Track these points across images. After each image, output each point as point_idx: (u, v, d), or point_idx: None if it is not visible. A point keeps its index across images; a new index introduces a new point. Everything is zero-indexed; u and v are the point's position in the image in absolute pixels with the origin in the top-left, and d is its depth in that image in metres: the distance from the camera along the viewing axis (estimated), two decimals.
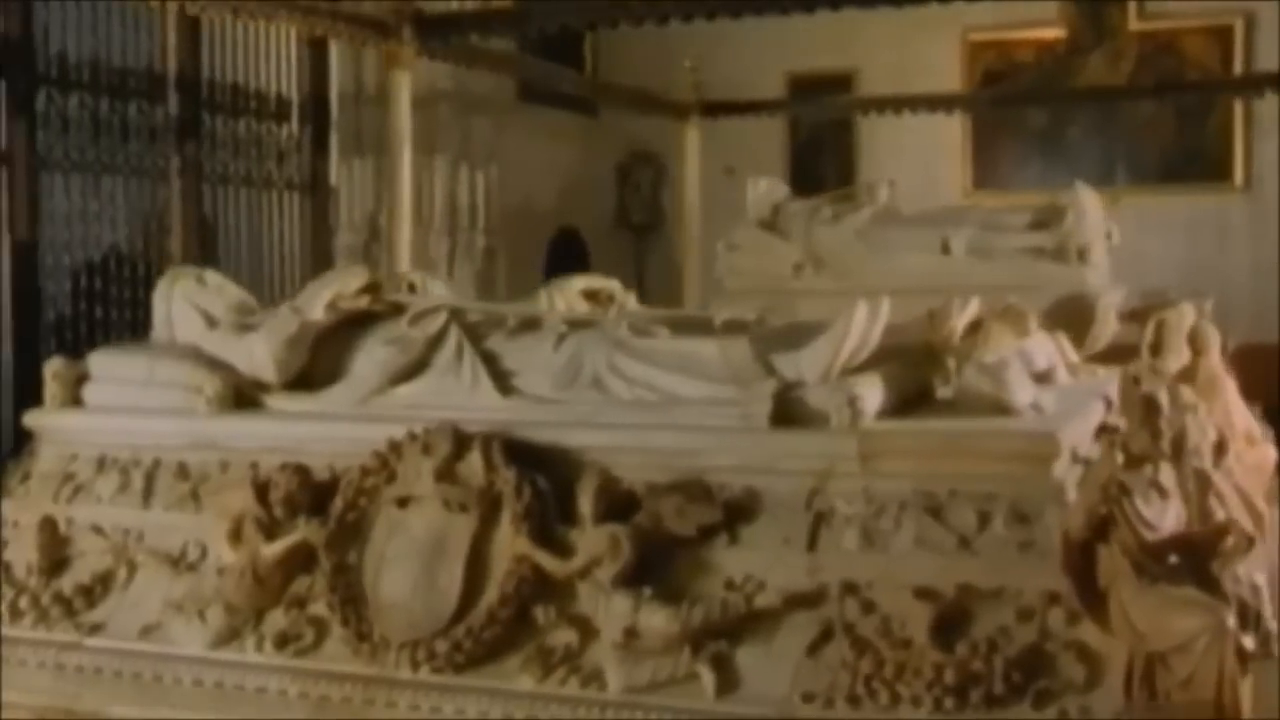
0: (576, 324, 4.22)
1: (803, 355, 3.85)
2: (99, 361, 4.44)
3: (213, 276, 4.69)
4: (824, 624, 3.43)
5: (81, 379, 4.41)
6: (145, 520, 4.12)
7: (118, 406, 4.33)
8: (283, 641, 3.78)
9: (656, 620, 3.47)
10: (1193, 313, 6.23)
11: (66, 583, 4.09)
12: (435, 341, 4.20)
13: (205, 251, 10.24)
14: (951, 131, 12.13)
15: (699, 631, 3.46)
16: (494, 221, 11.27)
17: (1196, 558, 3.14)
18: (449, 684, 3.59)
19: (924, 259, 7.48)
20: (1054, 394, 4.18)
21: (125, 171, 9.32)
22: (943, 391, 4.12)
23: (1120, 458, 3.15)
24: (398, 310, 4.36)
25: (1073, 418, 3.84)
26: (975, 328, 4.23)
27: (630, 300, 5.38)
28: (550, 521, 3.69)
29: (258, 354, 4.24)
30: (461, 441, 3.79)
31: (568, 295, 5.22)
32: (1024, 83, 11.90)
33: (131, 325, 8.13)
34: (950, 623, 3.34)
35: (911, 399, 4.00)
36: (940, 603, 3.36)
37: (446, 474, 3.77)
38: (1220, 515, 3.65)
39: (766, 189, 8.15)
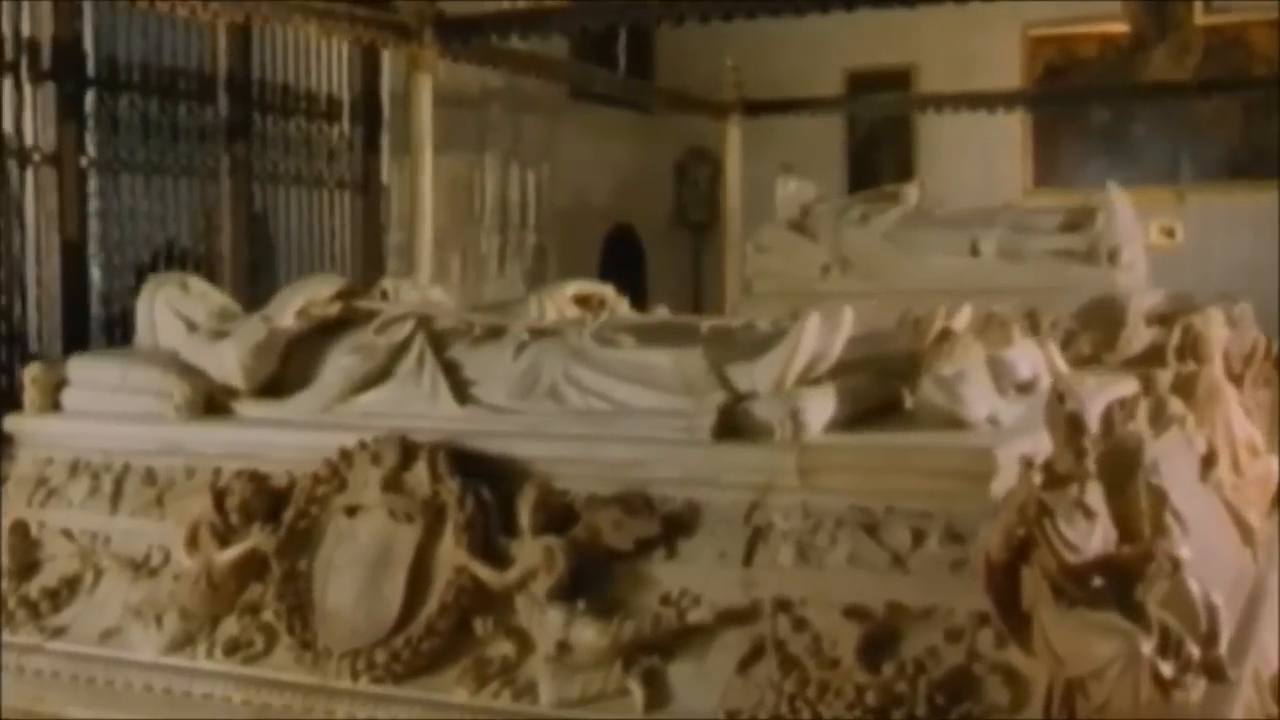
0: (540, 332, 4.21)
1: (757, 367, 3.82)
2: (76, 367, 4.51)
3: (196, 283, 4.74)
4: (755, 641, 3.40)
5: (60, 384, 4.48)
6: (112, 525, 4.18)
7: (92, 412, 4.40)
8: (233, 648, 3.82)
9: (588, 634, 3.46)
10: (1221, 318, 6.10)
11: (35, 586, 4.16)
12: (399, 350, 4.21)
13: (260, 249, 10.42)
14: (1012, 128, 11.96)
15: (630, 646, 3.44)
16: (545, 219, 11.30)
17: (1121, 581, 3.07)
18: (386, 694, 3.60)
19: (952, 261, 7.39)
20: (1023, 406, 4.12)
21: (175, 171, 9.49)
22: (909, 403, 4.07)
23: (1039, 478, 3.07)
24: (369, 317, 4.39)
25: (1027, 432, 3.76)
26: (945, 337, 4.15)
27: (623, 305, 5.35)
28: (493, 533, 3.68)
29: (226, 360, 4.29)
30: (409, 451, 3.80)
31: (558, 300, 5.20)
32: (1086, 78, 11.71)
33: None
34: (879, 642, 3.29)
35: (879, 410, 3.95)
36: (869, 622, 3.31)
37: (393, 484, 3.78)
38: (1176, 534, 3.55)
39: (795, 189, 8.09)
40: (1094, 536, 3.13)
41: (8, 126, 8.39)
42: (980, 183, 11.78)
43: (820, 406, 3.73)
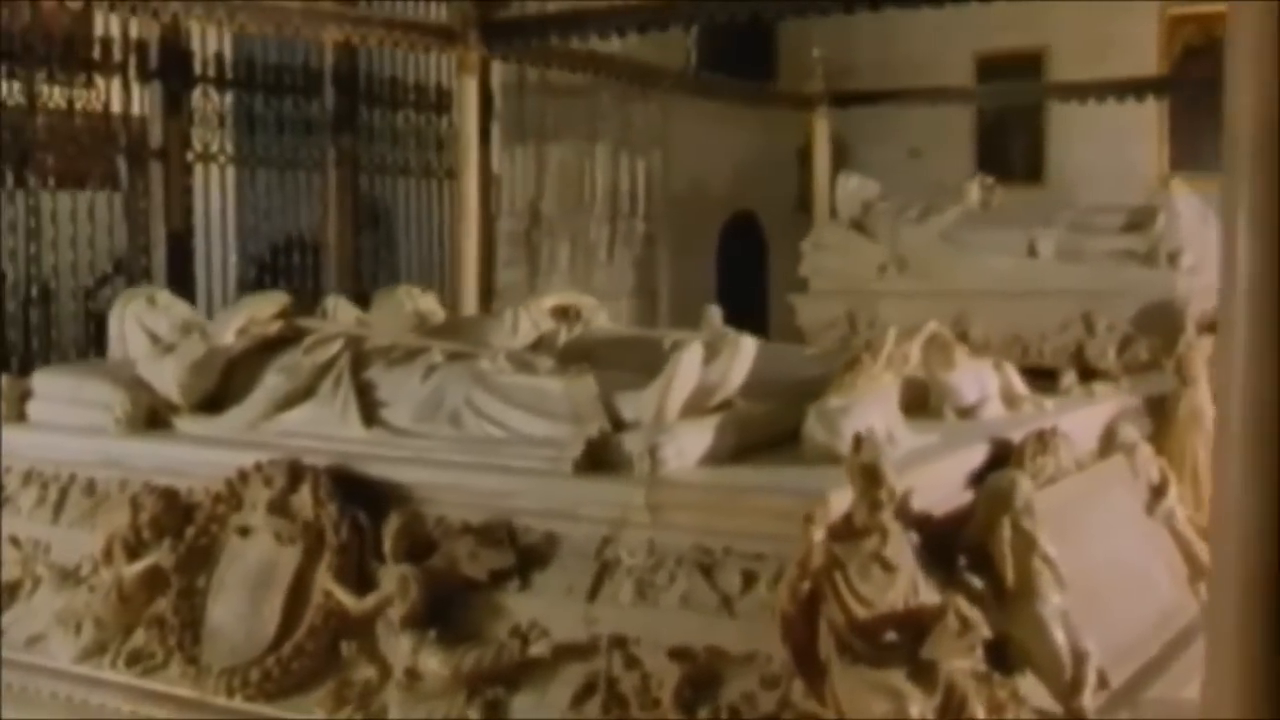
0: (456, 356, 4.26)
1: (641, 397, 3.82)
2: (40, 379, 4.73)
3: (163, 297, 4.92)
4: (590, 676, 3.42)
5: (25, 395, 4.70)
6: (53, 534, 4.37)
7: (48, 423, 4.61)
8: (134, 660, 3.98)
9: (432, 663, 3.53)
10: None
11: None
12: (323, 370, 4.31)
13: (380, 239, 10.70)
14: (1148, 110, 11.50)
15: (472, 676, 3.49)
16: (656, 207, 11.33)
17: (916, 637, 3.00)
18: (257, 712, 3.72)
19: (1009, 261, 7.22)
20: (936, 436, 4.03)
21: (281, 165, 9.81)
22: None
23: (820, 533, 3.02)
24: (307, 336, 4.50)
25: (912, 466, 3.69)
26: (852, 364, 4.07)
27: (600, 317, 5.36)
28: (367, 559, 3.77)
29: (166, 376, 4.45)
30: (296, 475, 3.90)
31: (534, 313, 5.24)
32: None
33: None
34: (699, 686, 3.28)
35: (784, 441, 3.90)
36: (691, 664, 3.30)
37: (279, 506, 3.89)
38: (1045, 578, 3.44)
39: (857, 186, 7.96)
40: (895, 589, 3.06)
41: (117, 125, 8.83)
42: (1114, 167, 11.41)
43: (695, 440, 3.72)
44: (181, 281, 9.12)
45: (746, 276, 11.92)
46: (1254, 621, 1.92)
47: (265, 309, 4.60)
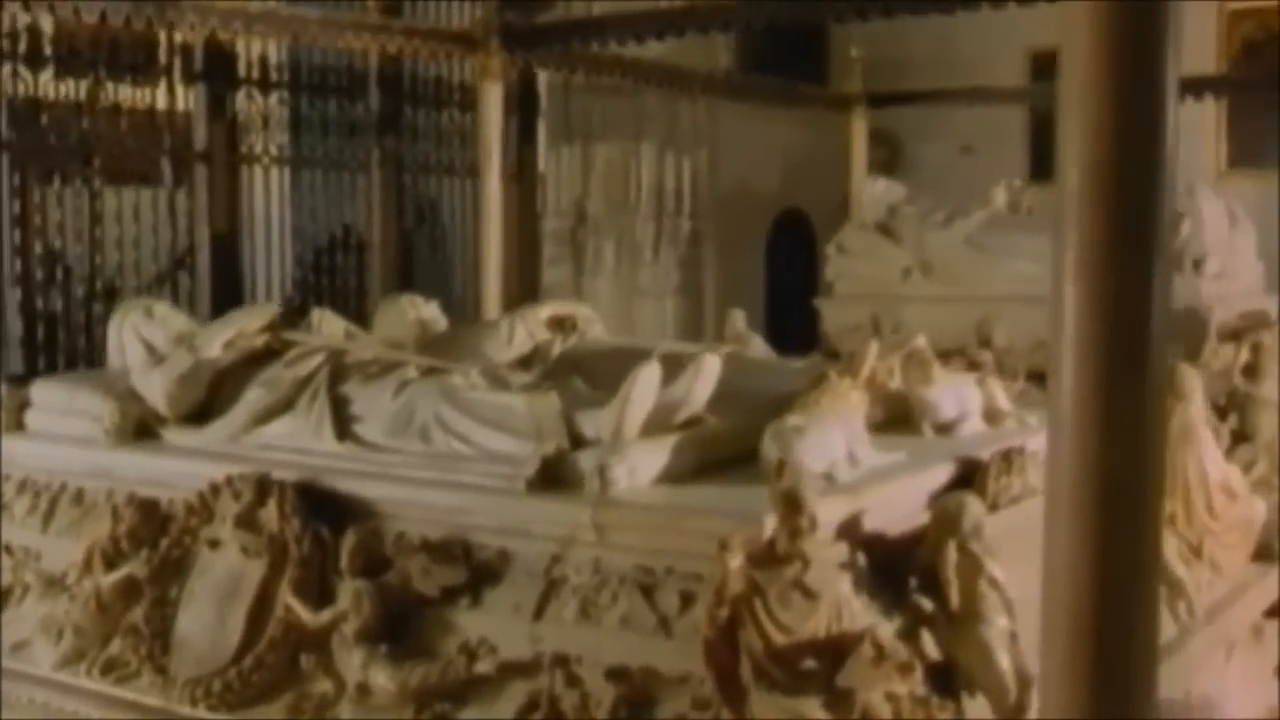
0: (431, 371, 4.31)
1: (602, 415, 3.85)
2: (38, 389, 4.84)
3: (160, 308, 5.00)
4: (533, 695, 3.46)
5: (24, 405, 4.81)
6: (43, 543, 4.47)
7: (43, 433, 4.72)
8: (109, 669, 4.07)
9: (380, 678, 3.58)
10: None
11: None
12: (303, 383, 4.38)
13: (433, 238, 10.81)
14: (1205, 105, 11.30)
15: (420, 692, 3.55)
16: (702, 206, 11.34)
17: (834, 665, 3.01)
18: None
19: (1032, 267, 7.12)
20: (899, 455, 4.02)
21: (326, 165, 9.95)
22: None
23: (737, 560, 3.03)
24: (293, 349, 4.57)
25: (868, 486, 3.69)
26: (818, 382, 4.07)
27: (596, 328, 5.38)
28: (329, 573, 3.83)
29: (153, 388, 4.54)
30: (264, 489, 3.97)
31: (530, 322, 5.27)
32: None
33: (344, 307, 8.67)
34: (636, 706, 3.31)
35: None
36: (627, 685, 3.33)
37: (247, 520, 3.96)
38: (991, 601, 3.43)
39: (883, 189, 7.92)
40: (817, 617, 3.07)
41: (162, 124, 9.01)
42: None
43: (650, 458, 3.74)
44: (228, 282, 9.30)
45: (795, 275, 11.88)
46: (1081, 667, 1.92)
47: (253, 322, 4.68)
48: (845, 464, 3.84)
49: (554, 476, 3.74)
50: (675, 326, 10.96)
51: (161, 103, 8.91)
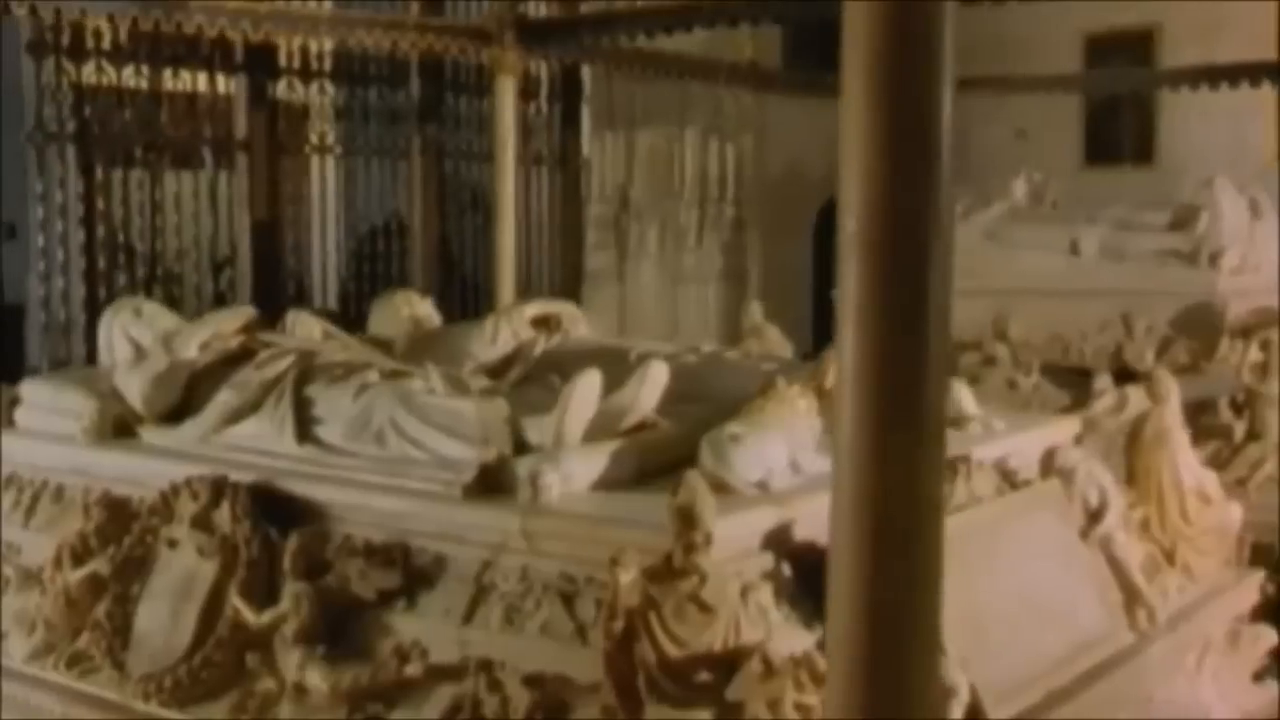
0: (392, 374, 4.37)
1: (545, 421, 3.90)
2: (28, 388, 4.98)
3: (149, 307, 5.12)
4: (457, 699, 3.53)
5: (15, 402, 4.95)
6: (24, 538, 4.60)
7: (30, 430, 4.85)
8: (74, 662, 4.19)
9: (314, 678, 3.67)
10: None
11: None
12: (271, 385, 4.46)
13: (482, 224, 10.89)
14: (1264, 90, 11.10)
15: (353, 693, 3.62)
16: (747, 192, 11.32)
17: (729, 678, 3.04)
18: (169, 717, 3.91)
19: (1050, 260, 7.09)
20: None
21: (368, 153, 10.06)
22: None
23: (628, 574, 3.06)
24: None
25: (802, 495, 3.71)
26: (766, 389, 4.08)
27: (580, 327, 5.42)
28: (277, 575, 3.92)
29: (131, 388, 4.65)
30: (219, 490, 4.06)
31: (515, 321, 5.32)
32: None
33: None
34: (551, 712, 3.36)
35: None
36: (542, 692, 3.38)
37: (202, 521, 4.06)
38: None
39: None
40: (712, 631, 3.10)
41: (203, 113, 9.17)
42: (1227, 148, 11.05)
43: (587, 465, 3.78)
44: (269, 269, 9.46)
45: None
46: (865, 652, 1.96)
47: (230, 323, 4.77)
48: (786, 472, 3.86)
49: (493, 483, 3.80)
50: (718, 312, 10.96)
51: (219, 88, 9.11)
